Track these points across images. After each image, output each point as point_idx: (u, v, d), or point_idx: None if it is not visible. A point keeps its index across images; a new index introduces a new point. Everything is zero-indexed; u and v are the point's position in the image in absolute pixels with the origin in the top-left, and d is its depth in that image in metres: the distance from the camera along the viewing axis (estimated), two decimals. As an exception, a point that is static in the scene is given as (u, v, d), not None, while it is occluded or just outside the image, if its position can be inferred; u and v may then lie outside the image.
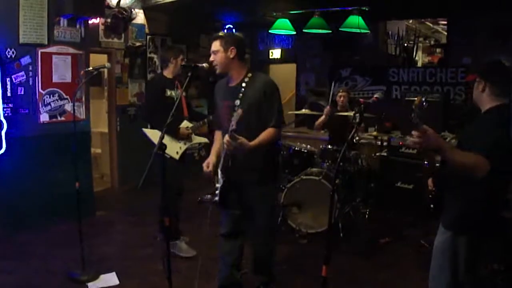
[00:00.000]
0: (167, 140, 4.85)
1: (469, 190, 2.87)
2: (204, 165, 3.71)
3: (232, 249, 3.93)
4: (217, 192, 3.72)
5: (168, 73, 5.10)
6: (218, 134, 3.89)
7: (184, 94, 5.05)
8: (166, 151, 4.83)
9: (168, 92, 4.99)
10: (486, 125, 2.83)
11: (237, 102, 3.54)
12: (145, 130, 5.00)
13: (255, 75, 3.68)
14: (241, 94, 3.55)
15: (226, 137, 3.25)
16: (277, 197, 6.08)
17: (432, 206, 3.28)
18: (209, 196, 3.83)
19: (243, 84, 3.59)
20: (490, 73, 3.01)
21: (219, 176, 3.63)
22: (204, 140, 5.26)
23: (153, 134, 4.95)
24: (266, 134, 3.52)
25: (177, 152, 4.97)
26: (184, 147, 5.04)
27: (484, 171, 2.58)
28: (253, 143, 3.42)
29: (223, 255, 3.95)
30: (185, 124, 5.06)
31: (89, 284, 4.29)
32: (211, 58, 3.59)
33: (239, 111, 3.16)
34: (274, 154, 4.03)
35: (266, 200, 3.77)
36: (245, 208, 3.76)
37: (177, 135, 4.96)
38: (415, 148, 2.50)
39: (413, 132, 2.42)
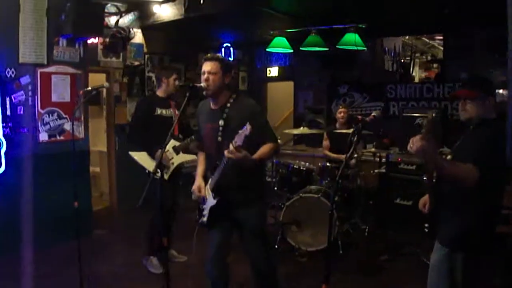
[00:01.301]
0: (154, 161, 4.87)
1: (465, 206, 2.91)
2: (195, 190, 3.69)
3: (220, 272, 3.88)
4: (204, 213, 3.70)
5: (161, 92, 5.15)
6: (201, 156, 3.88)
7: (177, 113, 5.07)
8: (153, 171, 4.88)
9: (159, 111, 5.01)
10: (484, 137, 2.87)
11: (221, 122, 3.52)
12: (131, 153, 5.03)
13: (239, 97, 3.65)
14: (224, 115, 3.53)
15: (231, 147, 3.17)
16: (276, 215, 6.10)
17: (427, 225, 3.29)
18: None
19: (228, 105, 3.57)
20: (491, 87, 3.12)
21: (209, 196, 3.61)
22: (193, 157, 5.19)
23: (140, 157, 5.00)
24: (265, 148, 3.51)
25: (165, 172, 4.97)
26: (173, 166, 5.03)
27: (472, 179, 2.66)
28: (255, 156, 3.41)
29: (212, 278, 3.92)
30: (172, 143, 5.05)
31: (88, 304, 4.26)
32: (205, 77, 3.51)
33: (249, 127, 3.07)
34: (263, 173, 4.06)
35: (259, 218, 3.74)
36: (237, 227, 3.72)
37: (153, 156, 4.88)
38: (411, 152, 2.54)
39: (416, 137, 2.53)
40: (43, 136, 5.77)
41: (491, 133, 2.88)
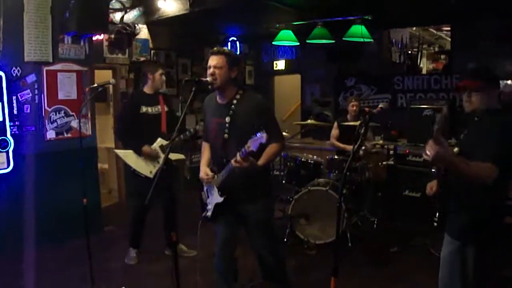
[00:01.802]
0: (139, 159, 4.94)
1: (476, 198, 2.89)
2: (203, 176, 3.66)
3: (227, 266, 3.89)
4: (208, 207, 3.71)
5: (147, 88, 5.08)
6: (205, 146, 3.86)
7: (166, 109, 5.05)
8: (138, 170, 4.90)
9: (144, 109, 4.94)
10: (496, 129, 2.84)
11: (228, 119, 3.50)
12: (117, 151, 5.05)
13: (246, 93, 3.63)
14: (231, 111, 3.51)
15: (238, 157, 3.20)
16: (285, 209, 6.10)
17: (436, 219, 3.26)
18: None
19: (234, 101, 3.54)
20: (495, 77, 3.10)
21: (215, 192, 3.61)
22: (181, 156, 5.15)
23: (126, 155, 5.01)
24: (270, 149, 3.50)
25: (150, 172, 4.94)
26: (158, 165, 4.94)
27: (493, 177, 2.64)
28: (261, 162, 3.43)
29: (220, 273, 3.92)
30: (160, 142, 4.98)
31: (98, 301, 4.28)
32: (211, 71, 3.47)
33: (264, 135, 3.03)
34: (268, 171, 4.06)
35: (264, 212, 3.70)
36: (242, 222, 3.71)
37: (140, 154, 4.94)
38: (426, 159, 2.53)
39: (429, 142, 2.51)
40: (51, 134, 5.78)
41: (500, 126, 2.85)
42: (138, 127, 4.95)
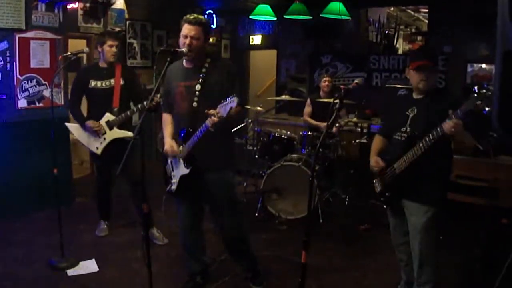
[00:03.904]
0: (85, 134, 4.83)
1: (442, 165, 3.35)
2: (168, 150, 3.58)
3: (195, 240, 3.93)
4: (173, 181, 3.68)
5: (101, 61, 4.89)
6: (167, 117, 3.74)
7: (122, 83, 4.81)
8: (86, 144, 4.87)
9: (93, 83, 4.75)
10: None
11: (198, 86, 3.45)
12: (67, 124, 4.99)
13: (215, 58, 3.60)
14: (201, 79, 3.45)
15: (213, 119, 3.13)
16: (257, 184, 6.12)
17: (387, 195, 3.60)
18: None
19: (206, 65, 3.49)
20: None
21: (180, 165, 3.57)
22: (128, 134, 4.81)
23: (75, 130, 4.92)
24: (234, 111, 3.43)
25: (96, 148, 4.83)
26: (105, 142, 4.79)
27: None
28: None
29: (188, 248, 3.95)
30: (106, 117, 4.75)
31: (69, 271, 4.26)
32: (188, 42, 3.37)
33: (235, 99, 3.04)
34: (232, 141, 4.07)
35: (227, 186, 3.69)
36: (206, 195, 3.68)
37: (85, 129, 4.80)
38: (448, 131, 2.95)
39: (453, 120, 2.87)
40: (22, 103, 5.67)
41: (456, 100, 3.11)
42: (88, 101, 4.88)
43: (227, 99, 3.07)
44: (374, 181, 3.71)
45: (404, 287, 3.81)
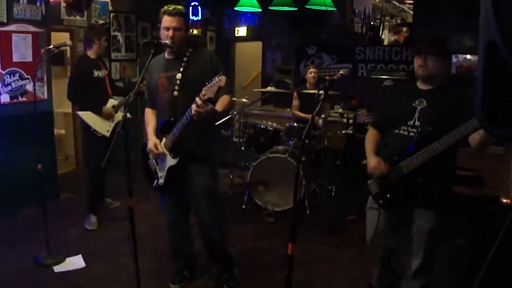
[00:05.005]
0: (98, 119, 5.13)
1: (447, 166, 3.11)
2: (152, 148, 3.50)
3: (182, 234, 3.92)
4: (160, 174, 3.62)
5: (91, 53, 5.23)
6: (150, 112, 3.70)
7: (106, 72, 5.34)
8: (98, 129, 5.09)
9: (96, 73, 5.14)
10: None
11: (179, 75, 3.42)
12: (80, 113, 5.13)
13: (197, 49, 3.56)
14: (182, 68, 3.42)
15: (198, 101, 3.05)
16: (243, 176, 6.12)
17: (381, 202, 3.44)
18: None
19: (188, 54, 3.47)
20: (450, 52, 3.23)
21: (166, 156, 3.52)
22: (129, 116, 5.07)
23: (88, 116, 5.11)
24: (224, 100, 3.44)
25: (108, 130, 5.17)
26: (113, 124, 5.23)
27: None
28: (218, 108, 3.34)
29: (175, 242, 3.94)
30: (111, 102, 5.27)
31: (55, 268, 4.24)
32: (170, 34, 3.34)
33: (222, 77, 3.00)
34: (216, 130, 4.04)
35: (208, 178, 3.61)
36: (187, 188, 3.62)
37: (101, 114, 5.15)
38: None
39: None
40: (5, 98, 5.59)
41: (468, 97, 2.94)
42: (92, 90, 5.11)
43: (213, 80, 3.01)
44: (368, 182, 3.47)
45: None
